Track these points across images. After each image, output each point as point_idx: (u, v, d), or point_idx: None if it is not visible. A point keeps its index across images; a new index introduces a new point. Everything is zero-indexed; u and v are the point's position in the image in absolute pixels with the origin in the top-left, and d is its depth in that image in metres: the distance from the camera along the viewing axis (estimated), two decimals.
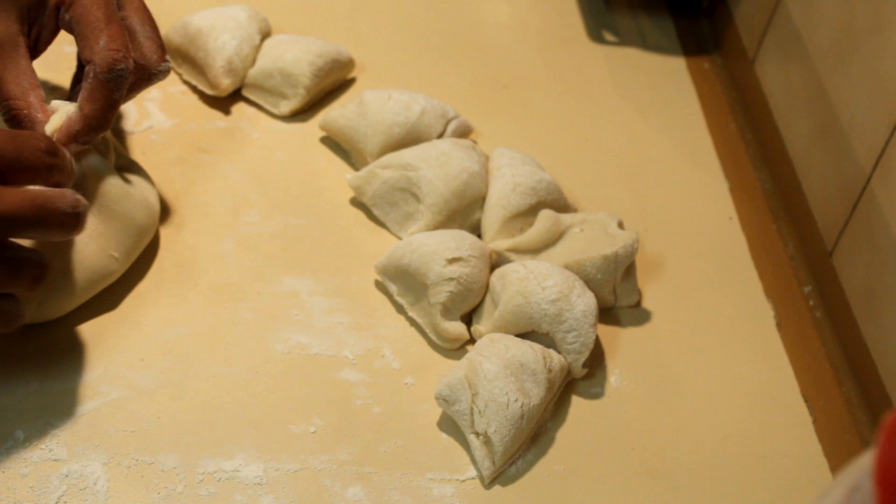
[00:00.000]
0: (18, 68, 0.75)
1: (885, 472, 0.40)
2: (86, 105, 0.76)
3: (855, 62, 0.88)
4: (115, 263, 0.79)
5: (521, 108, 1.02)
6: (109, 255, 0.79)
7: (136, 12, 0.80)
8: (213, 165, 0.91)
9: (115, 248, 0.79)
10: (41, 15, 0.77)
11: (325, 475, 0.74)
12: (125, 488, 0.71)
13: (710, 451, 0.80)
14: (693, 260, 0.92)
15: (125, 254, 0.80)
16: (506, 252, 0.85)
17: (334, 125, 0.93)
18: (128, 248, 0.80)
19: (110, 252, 0.79)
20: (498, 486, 0.75)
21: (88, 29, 0.76)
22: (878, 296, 0.83)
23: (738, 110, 1.07)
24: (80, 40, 0.77)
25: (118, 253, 0.79)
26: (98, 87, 0.76)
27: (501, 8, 1.12)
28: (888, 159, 0.83)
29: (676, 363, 0.85)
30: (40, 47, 0.79)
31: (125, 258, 0.80)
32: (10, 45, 0.75)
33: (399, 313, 0.84)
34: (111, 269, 0.79)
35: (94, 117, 0.76)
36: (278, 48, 0.96)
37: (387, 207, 0.89)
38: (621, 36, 1.11)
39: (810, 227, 0.93)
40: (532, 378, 0.76)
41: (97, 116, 0.76)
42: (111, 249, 0.79)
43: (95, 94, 0.76)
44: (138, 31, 0.80)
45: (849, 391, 0.86)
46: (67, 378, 0.75)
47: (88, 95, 0.76)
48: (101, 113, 0.76)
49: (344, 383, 0.79)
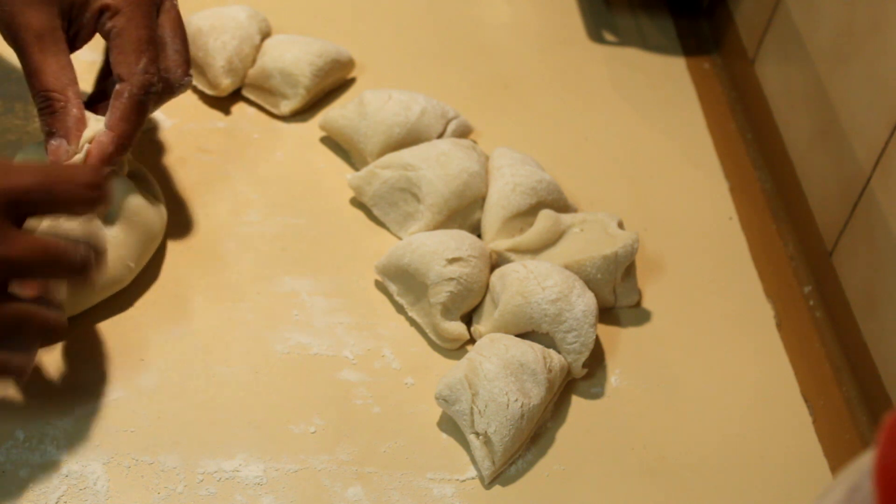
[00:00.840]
0: (59, 61, 0.75)
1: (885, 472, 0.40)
2: (118, 125, 0.76)
3: (855, 62, 0.88)
4: (129, 272, 0.80)
5: (521, 108, 1.02)
6: (126, 265, 0.79)
7: (169, 23, 0.80)
8: (213, 165, 0.91)
9: (131, 258, 0.80)
10: (82, 15, 0.78)
11: (325, 475, 0.74)
12: (125, 488, 0.71)
13: (710, 451, 0.80)
14: (693, 260, 0.92)
15: (138, 263, 0.80)
16: (506, 252, 0.85)
17: (334, 125, 0.93)
18: (141, 256, 0.81)
19: (127, 262, 0.79)
20: (498, 486, 0.75)
21: (130, 46, 0.77)
22: (878, 296, 0.83)
23: (738, 110, 1.07)
24: (118, 54, 0.77)
25: (133, 262, 0.80)
26: (132, 109, 0.76)
27: (501, 8, 1.12)
28: (888, 159, 0.83)
29: (676, 363, 0.85)
30: (77, 45, 0.79)
31: (137, 267, 0.81)
32: (51, 38, 0.75)
33: (399, 313, 0.84)
34: (125, 276, 0.80)
35: (126, 137, 0.76)
36: (278, 48, 0.96)
37: (387, 207, 0.89)
38: (621, 36, 1.11)
39: (810, 227, 0.93)
40: (532, 378, 0.76)
41: (129, 136, 0.77)
42: (128, 259, 0.79)
43: (129, 114, 0.76)
44: (168, 44, 0.80)
45: (849, 391, 0.86)
46: (67, 378, 0.75)
47: (122, 115, 0.76)
48: (132, 133, 0.77)
49: (344, 383, 0.79)
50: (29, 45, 0.75)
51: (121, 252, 0.79)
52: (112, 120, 0.76)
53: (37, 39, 0.75)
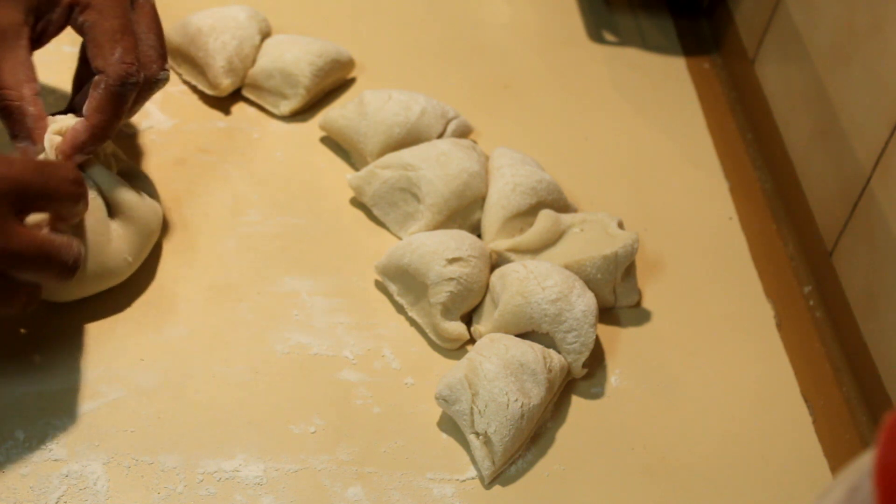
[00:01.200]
0: (16, 58, 0.74)
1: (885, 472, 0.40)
2: (94, 115, 0.76)
3: (855, 62, 0.88)
4: (126, 266, 0.80)
5: (521, 108, 1.02)
6: (124, 259, 0.79)
7: (144, 17, 0.80)
8: (213, 165, 0.91)
9: (129, 253, 0.80)
10: (51, 10, 0.77)
11: (325, 475, 0.74)
12: (125, 488, 0.71)
13: (710, 452, 0.80)
14: (693, 260, 0.92)
15: (136, 258, 0.80)
16: (506, 252, 0.85)
17: (334, 125, 0.93)
18: (139, 251, 0.81)
19: (125, 256, 0.79)
20: (498, 486, 0.75)
21: (104, 38, 0.76)
22: (878, 296, 0.83)
23: (738, 110, 1.07)
24: (94, 47, 0.76)
25: (132, 257, 0.80)
26: (108, 99, 0.76)
27: (501, 8, 1.12)
28: (888, 159, 0.83)
29: (676, 363, 0.85)
30: (43, 40, 0.78)
31: (135, 262, 0.80)
32: (12, 34, 0.74)
33: (399, 313, 0.84)
34: (122, 270, 0.80)
35: (101, 128, 0.76)
36: (278, 48, 0.96)
37: (387, 207, 0.89)
38: (621, 36, 1.11)
39: (810, 227, 0.93)
40: (532, 378, 0.76)
41: (104, 127, 0.76)
42: (126, 253, 0.79)
43: (105, 105, 0.76)
44: (142, 39, 0.79)
45: (849, 391, 0.86)
46: (67, 378, 0.75)
47: (97, 106, 0.76)
48: (108, 124, 0.76)
49: (344, 383, 0.79)
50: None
51: (119, 244, 0.78)
52: (88, 109, 0.76)
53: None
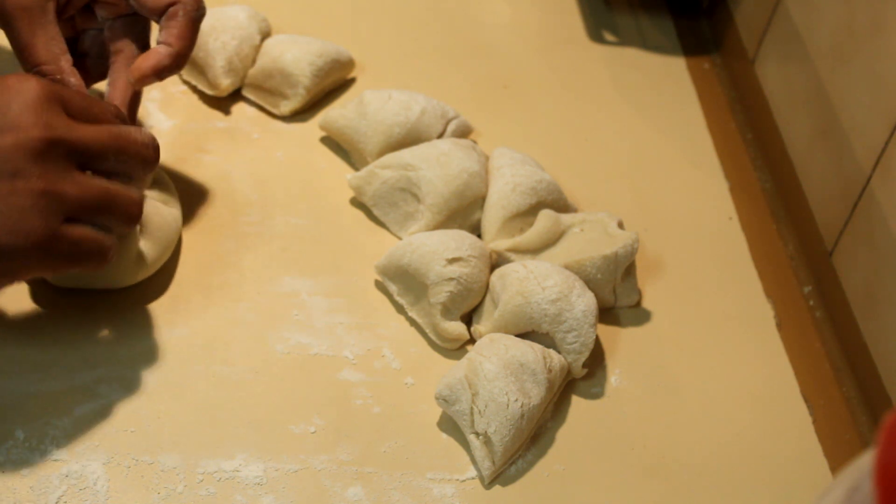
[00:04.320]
0: (48, 34, 0.75)
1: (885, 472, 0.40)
2: (177, 42, 0.77)
3: (855, 62, 0.88)
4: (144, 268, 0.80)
5: (521, 108, 1.02)
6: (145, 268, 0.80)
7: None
8: (213, 165, 0.91)
9: (151, 267, 0.80)
10: None
11: (325, 475, 0.74)
12: (125, 488, 0.71)
13: (710, 451, 0.80)
14: (693, 260, 0.92)
15: (154, 262, 0.81)
16: (506, 252, 0.85)
17: (334, 125, 0.93)
18: (159, 257, 0.81)
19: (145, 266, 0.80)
20: (498, 486, 0.75)
21: None
22: (878, 296, 0.83)
23: (738, 110, 1.07)
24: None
25: (151, 270, 0.81)
26: (188, 26, 0.77)
27: (501, 8, 1.12)
28: (888, 159, 0.83)
29: (676, 363, 0.85)
30: (68, 10, 0.79)
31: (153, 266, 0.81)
32: (38, 10, 0.75)
33: (399, 313, 0.84)
34: (136, 278, 0.80)
35: (183, 55, 0.77)
36: (278, 48, 0.96)
37: (387, 207, 0.89)
38: (621, 36, 1.11)
39: (810, 227, 0.93)
40: (532, 378, 0.76)
41: (185, 55, 0.78)
42: (147, 269, 0.80)
43: (186, 32, 0.77)
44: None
45: (849, 391, 0.86)
46: (67, 378, 0.75)
47: (180, 33, 0.77)
48: (188, 51, 0.78)
49: (344, 383, 0.79)
50: (16, 19, 0.74)
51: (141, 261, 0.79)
52: (169, 38, 0.77)
53: (24, 13, 0.74)
